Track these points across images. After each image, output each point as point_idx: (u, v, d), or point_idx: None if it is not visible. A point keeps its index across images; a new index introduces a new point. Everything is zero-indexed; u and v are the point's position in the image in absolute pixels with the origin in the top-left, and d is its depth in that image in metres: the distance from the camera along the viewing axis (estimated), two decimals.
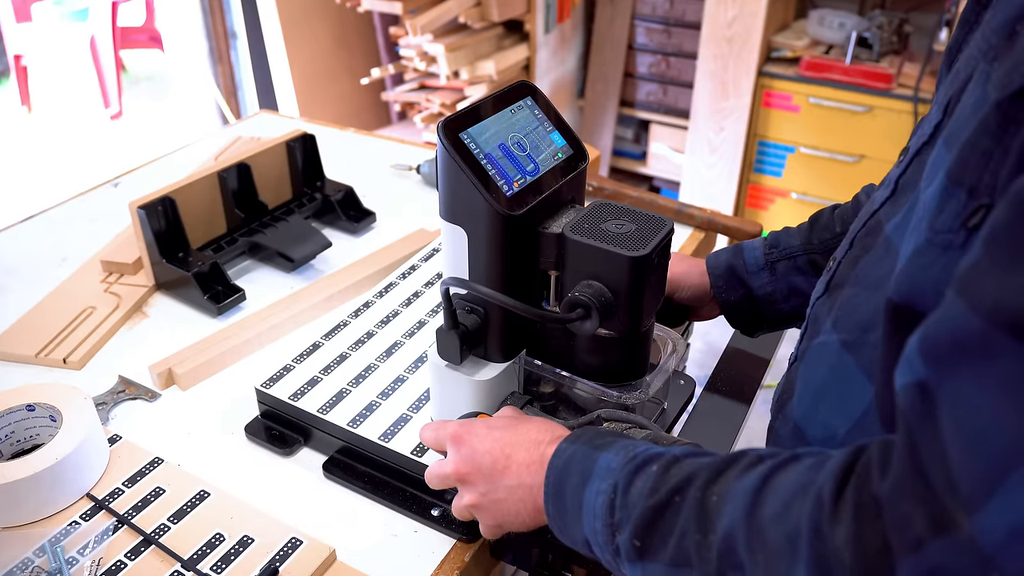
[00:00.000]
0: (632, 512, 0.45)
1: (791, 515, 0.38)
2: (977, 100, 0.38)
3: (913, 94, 2.09)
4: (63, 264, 1.01)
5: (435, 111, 2.28)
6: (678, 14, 2.41)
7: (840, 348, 0.49)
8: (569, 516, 0.50)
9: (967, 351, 0.32)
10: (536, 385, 0.68)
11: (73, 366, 0.84)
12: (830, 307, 0.52)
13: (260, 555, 0.62)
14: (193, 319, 0.91)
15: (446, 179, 0.57)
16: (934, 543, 0.32)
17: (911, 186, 0.47)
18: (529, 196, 0.58)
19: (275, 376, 0.74)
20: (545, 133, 0.62)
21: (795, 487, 0.39)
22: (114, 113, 3.25)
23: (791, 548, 0.37)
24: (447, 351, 0.62)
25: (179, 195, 0.92)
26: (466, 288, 0.58)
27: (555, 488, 0.51)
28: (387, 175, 1.22)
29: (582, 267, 0.58)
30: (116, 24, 3.18)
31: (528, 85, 0.63)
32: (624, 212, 0.60)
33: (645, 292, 0.57)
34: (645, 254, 0.56)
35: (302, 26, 2.37)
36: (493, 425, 0.57)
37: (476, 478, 0.55)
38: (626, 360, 0.63)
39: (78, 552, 0.62)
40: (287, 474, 0.71)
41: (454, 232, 0.59)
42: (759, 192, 2.45)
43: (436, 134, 0.56)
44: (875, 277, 0.48)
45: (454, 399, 0.65)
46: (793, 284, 0.73)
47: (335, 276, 0.96)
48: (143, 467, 0.70)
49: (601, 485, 0.48)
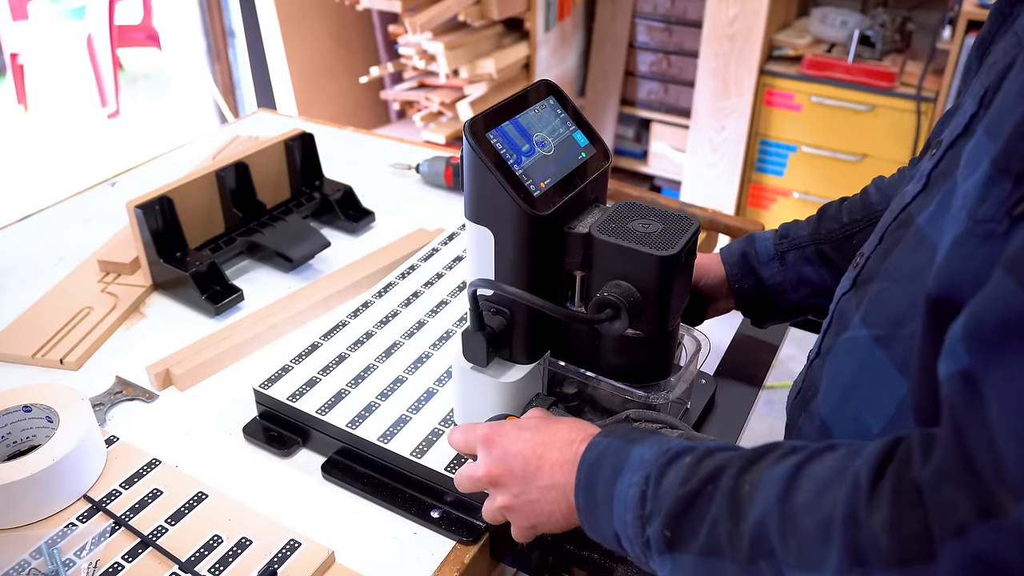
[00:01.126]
0: (663, 502, 0.45)
1: (825, 502, 0.38)
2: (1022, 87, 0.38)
3: (916, 93, 2.09)
4: (60, 264, 1.00)
5: (434, 110, 2.28)
6: (679, 12, 2.40)
7: (871, 343, 0.48)
8: (600, 509, 0.49)
9: (1015, 332, 0.32)
10: (560, 386, 0.68)
11: (70, 367, 0.83)
12: (858, 302, 0.52)
13: (258, 557, 0.62)
14: (191, 319, 0.91)
15: (472, 180, 0.57)
16: (979, 528, 0.32)
17: (945, 178, 0.47)
18: (556, 196, 0.58)
19: (273, 377, 0.74)
20: (568, 133, 0.63)
21: (830, 473, 0.39)
22: (111, 112, 3.24)
23: (824, 534, 0.37)
24: (473, 353, 0.62)
25: (177, 194, 0.92)
26: (495, 289, 0.58)
27: (587, 481, 0.50)
28: (386, 174, 1.22)
29: (610, 267, 0.58)
30: (113, 22, 3.16)
31: (550, 84, 0.64)
32: (650, 212, 0.60)
33: (673, 291, 0.58)
34: (674, 253, 0.56)
35: (300, 24, 2.36)
36: (523, 426, 0.57)
37: (508, 480, 0.55)
38: (652, 360, 0.63)
39: (75, 554, 0.62)
40: (285, 475, 0.71)
41: (480, 233, 0.59)
42: (761, 191, 2.44)
43: (463, 135, 0.56)
44: (908, 270, 0.47)
45: (479, 402, 0.65)
46: (802, 274, 0.74)
47: (334, 276, 0.96)
48: (140, 468, 0.70)
49: (633, 477, 0.48)
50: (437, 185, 1.18)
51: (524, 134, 0.59)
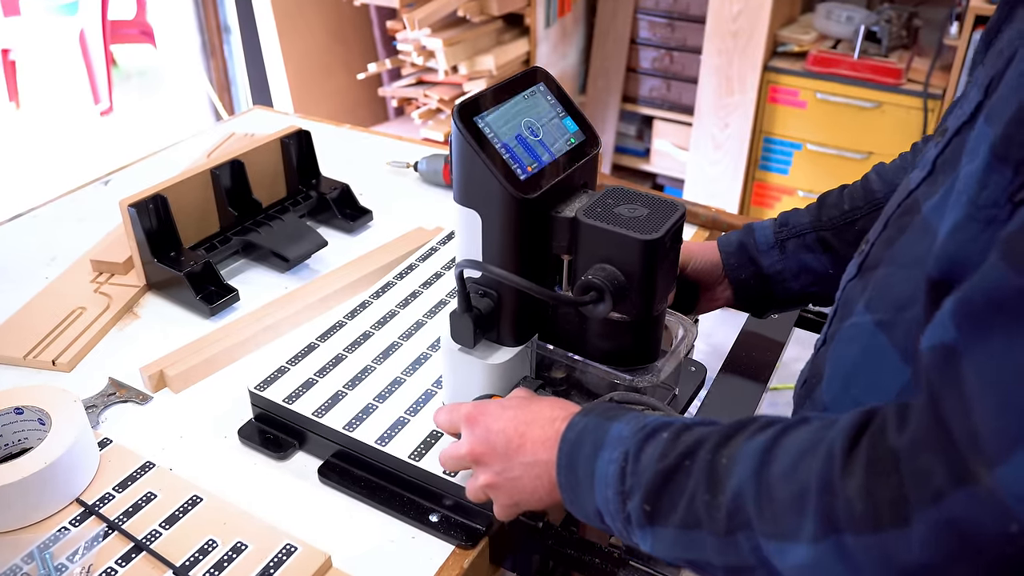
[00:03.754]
0: (642, 478, 0.46)
1: (800, 472, 0.39)
2: (1021, 77, 0.39)
3: (923, 89, 2.07)
4: (52, 264, 1.00)
5: (433, 107, 2.27)
6: (682, 8, 2.39)
7: (874, 328, 0.49)
8: (582, 487, 0.50)
9: (1002, 310, 0.33)
10: (548, 370, 0.69)
11: (62, 368, 0.83)
12: (863, 288, 0.52)
13: (254, 562, 0.61)
14: (185, 320, 0.90)
15: (461, 163, 0.58)
16: (954, 495, 0.33)
17: (950, 166, 0.47)
18: (543, 180, 0.59)
19: (269, 378, 0.74)
20: (558, 119, 0.64)
21: (804, 445, 0.40)
22: (104, 109, 3.22)
23: (799, 503, 0.38)
24: (460, 335, 0.63)
25: (171, 193, 0.91)
26: (480, 270, 0.59)
27: (568, 459, 0.51)
28: (384, 172, 1.22)
29: (595, 251, 0.59)
30: (106, 18, 3.14)
31: (540, 71, 0.65)
32: (636, 197, 0.61)
33: (658, 276, 0.59)
34: (657, 237, 0.57)
35: (297, 20, 2.35)
36: (506, 405, 0.58)
37: (491, 458, 0.56)
38: (638, 344, 0.64)
39: (67, 559, 0.62)
40: (281, 479, 0.70)
41: (468, 216, 0.60)
42: (765, 190, 2.43)
43: (451, 119, 0.57)
44: (911, 256, 0.48)
45: (467, 383, 0.66)
46: (803, 262, 0.74)
47: (331, 276, 0.96)
48: (134, 471, 0.70)
49: (612, 454, 0.49)
50: (436, 183, 1.18)
51: (513, 119, 0.60)
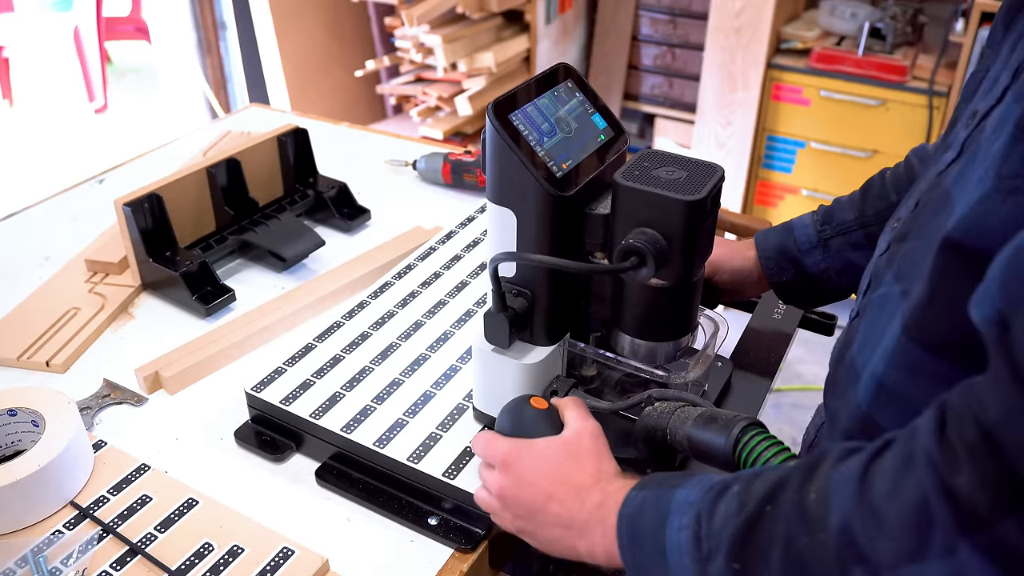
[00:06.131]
0: (722, 537, 0.44)
1: (907, 489, 0.37)
2: None
3: (928, 87, 2.06)
4: (46, 263, 1.00)
5: (432, 104, 2.26)
6: (684, 4, 2.38)
7: (900, 297, 0.50)
8: (652, 563, 0.48)
9: None
10: (579, 369, 0.70)
11: (56, 369, 0.83)
12: (890, 260, 0.54)
13: (250, 565, 0.61)
14: (181, 320, 0.90)
15: (496, 161, 0.59)
16: None
17: (977, 146, 0.48)
18: (577, 177, 0.60)
19: (266, 379, 0.74)
20: (587, 115, 0.64)
21: (899, 462, 0.38)
22: (99, 107, 3.21)
23: (918, 518, 0.36)
24: (495, 335, 0.63)
25: (166, 192, 0.91)
26: (517, 260, 0.60)
27: (629, 536, 0.50)
28: (382, 171, 1.21)
29: (635, 214, 0.58)
30: (101, 14, 3.13)
31: (568, 67, 0.66)
32: (674, 159, 0.60)
33: (699, 238, 0.58)
34: (700, 198, 0.56)
35: (294, 17, 2.34)
36: (544, 455, 0.57)
37: (515, 507, 0.58)
38: (677, 313, 0.63)
39: (61, 562, 0.61)
40: (278, 481, 0.70)
41: (502, 214, 0.60)
42: (768, 188, 2.42)
43: (486, 117, 0.58)
44: (933, 227, 0.48)
45: (500, 384, 0.66)
46: (848, 260, 0.74)
47: (328, 276, 0.95)
48: (129, 474, 0.69)
49: (682, 520, 0.47)
50: (434, 182, 1.17)
51: (545, 116, 0.61)
